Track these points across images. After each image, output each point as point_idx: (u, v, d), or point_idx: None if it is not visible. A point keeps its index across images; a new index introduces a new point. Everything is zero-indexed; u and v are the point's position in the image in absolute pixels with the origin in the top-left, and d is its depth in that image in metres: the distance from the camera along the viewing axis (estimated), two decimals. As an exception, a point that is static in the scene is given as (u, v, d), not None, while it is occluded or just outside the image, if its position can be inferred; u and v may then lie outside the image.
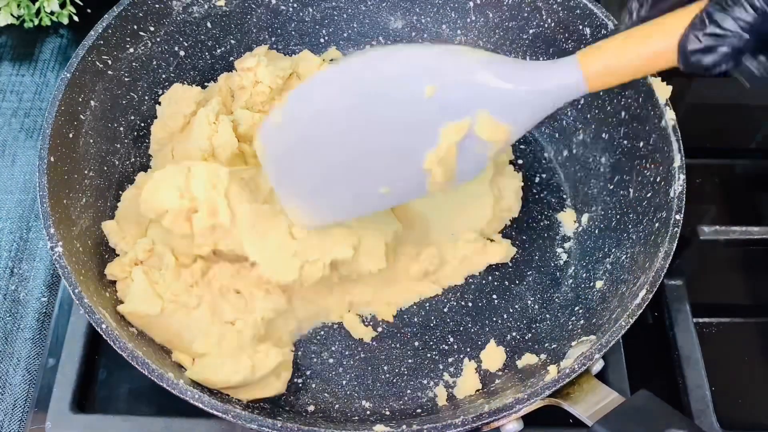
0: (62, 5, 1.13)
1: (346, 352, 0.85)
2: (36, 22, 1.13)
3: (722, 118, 1.11)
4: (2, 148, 1.04)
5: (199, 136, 0.88)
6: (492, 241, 0.92)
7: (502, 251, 0.90)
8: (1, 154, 1.04)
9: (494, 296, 0.90)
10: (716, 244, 0.85)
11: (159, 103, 0.93)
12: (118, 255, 0.85)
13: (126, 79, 0.91)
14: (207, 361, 0.77)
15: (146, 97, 0.94)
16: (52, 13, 1.13)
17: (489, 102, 0.64)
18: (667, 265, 0.73)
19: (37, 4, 1.12)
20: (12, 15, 1.11)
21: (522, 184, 0.95)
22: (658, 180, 0.82)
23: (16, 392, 0.85)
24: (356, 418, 0.81)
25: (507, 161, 0.97)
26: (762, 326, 0.91)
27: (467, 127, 0.64)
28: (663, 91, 0.82)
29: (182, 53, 0.97)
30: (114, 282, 0.82)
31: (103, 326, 0.69)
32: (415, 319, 0.88)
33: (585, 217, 0.93)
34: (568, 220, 0.95)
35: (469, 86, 0.64)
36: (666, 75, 0.85)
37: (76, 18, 1.13)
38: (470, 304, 0.89)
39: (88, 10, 1.15)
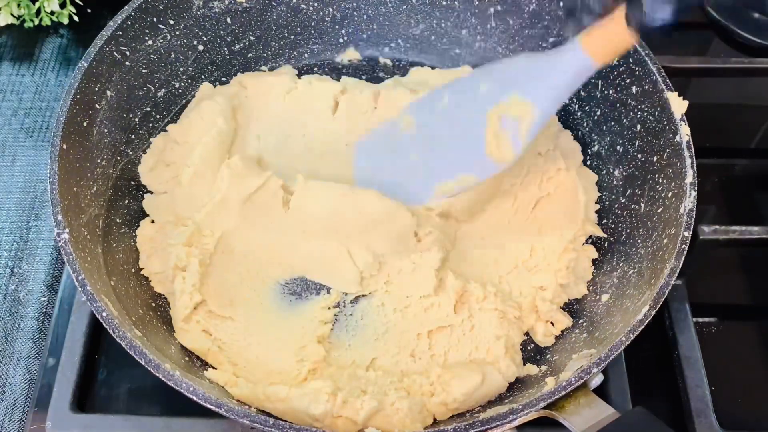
0: (62, 5, 1.13)
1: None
2: (36, 22, 1.13)
3: (722, 118, 1.11)
4: (2, 148, 1.04)
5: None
6: None
7: None
8: (1, 154, 1.04)
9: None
10: (716, 244, 0.85)
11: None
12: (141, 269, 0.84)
13: (143, 71, 0.92)
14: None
15: (163, 89, 0.95)
16: (52, 13, 1.13)
17: (517, 86, 0.79)
18: (672, 282, 0.73)
19: (37, 4, 1.12)
20: (12, 15, 1.11)
21: None
22: (669, 195, 0.81)
23: (16, 392, 0.85)
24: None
25: None
26: (762, 326, 0.91)
27: (504, 107, 0.79)
28: (679, 106, 0.82)
29: (201, 47, 0.97)
30: (114, 276, 0.81)
31: (104, 314, 0.69)
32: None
33: (596, 230, 0.93)
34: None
35: (504, 77, 0.81)
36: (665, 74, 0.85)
37: (76, 18, 1.13)
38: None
39: (88, 10, 1.15)
